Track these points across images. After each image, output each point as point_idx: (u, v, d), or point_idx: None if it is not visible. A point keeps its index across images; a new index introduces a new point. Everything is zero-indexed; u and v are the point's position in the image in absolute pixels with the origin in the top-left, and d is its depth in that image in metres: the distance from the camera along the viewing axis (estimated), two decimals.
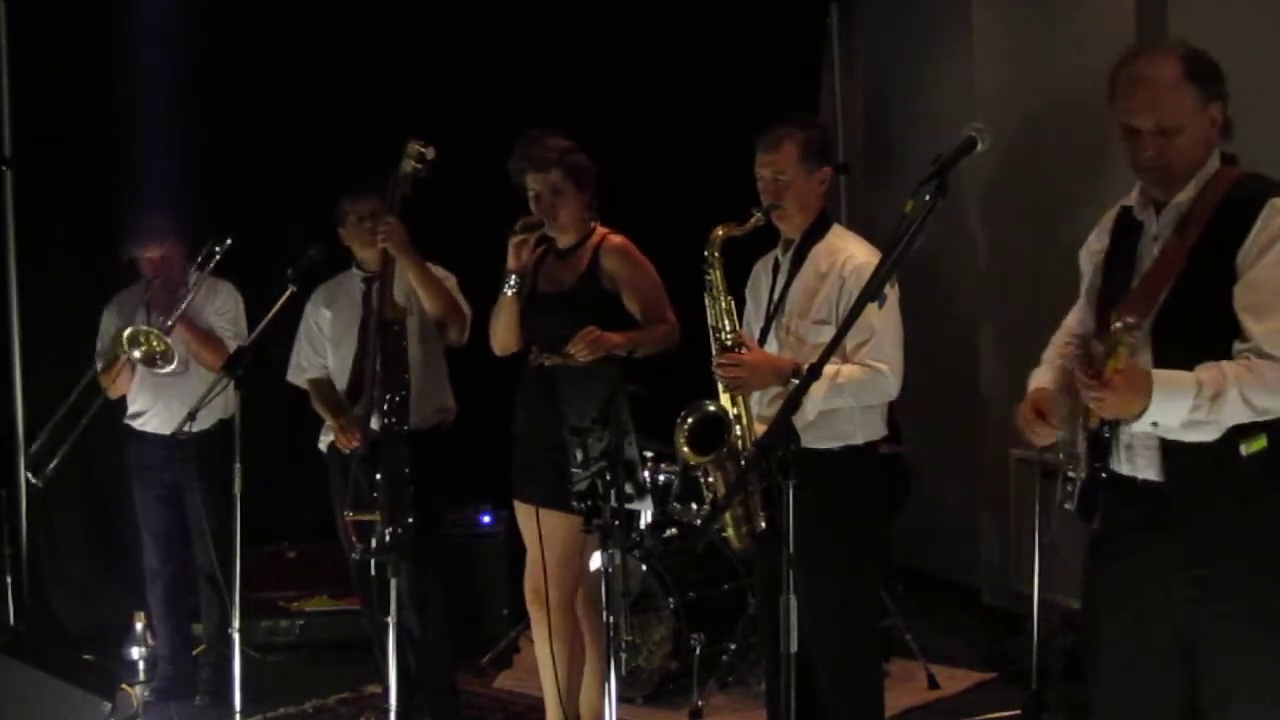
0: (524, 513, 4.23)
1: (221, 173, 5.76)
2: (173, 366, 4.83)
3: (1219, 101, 2.66)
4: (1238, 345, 2.54)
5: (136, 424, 5.10)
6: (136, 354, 4.72)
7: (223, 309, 5.04)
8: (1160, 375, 2.48)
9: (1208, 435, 2.53)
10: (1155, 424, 2.50)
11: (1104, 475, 2.68)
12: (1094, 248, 2.89)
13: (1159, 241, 2.68)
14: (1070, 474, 2.73)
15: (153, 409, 5.06)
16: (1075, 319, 2.97)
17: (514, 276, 4.13)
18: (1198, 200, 2.64)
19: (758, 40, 6.52)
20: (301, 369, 4.72)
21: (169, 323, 4.78)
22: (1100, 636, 2.82)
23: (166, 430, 4.97)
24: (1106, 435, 2.66)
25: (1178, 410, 2.48)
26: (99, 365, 4.90)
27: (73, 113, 5.73)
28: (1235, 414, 2.50)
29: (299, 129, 6.07)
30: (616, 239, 4.21)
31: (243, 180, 5.89)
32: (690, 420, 3.56)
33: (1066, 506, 2.75)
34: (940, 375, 5.61)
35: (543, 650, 4.23)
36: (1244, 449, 2.55)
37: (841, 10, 7.04)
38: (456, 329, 4.53)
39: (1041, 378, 2.91)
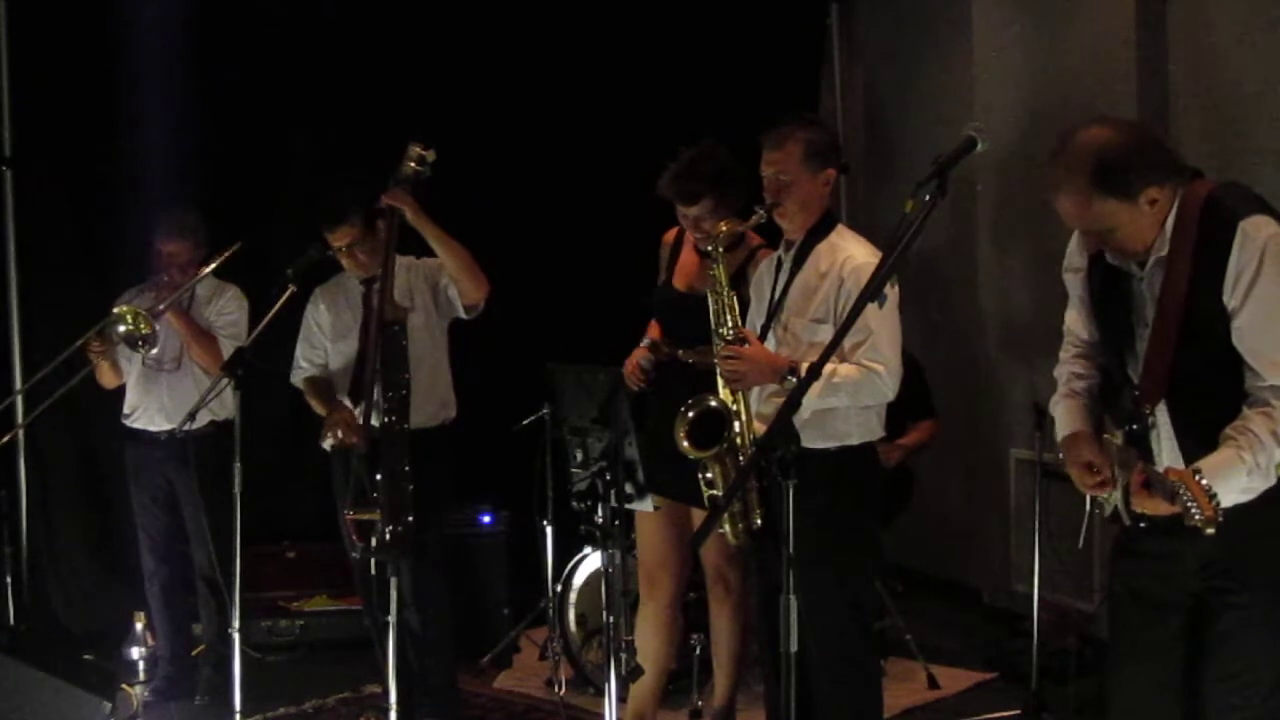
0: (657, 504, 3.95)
1: (221, 172, 5.76)
2: (153, 352, 4.82)
3: (1152, 186, 2.62)
4: (1251, 382, 2.56)
5: (130, 422, 5.10)
6: (121, 329, 4.69)
7: (224, 309, 5.04)
8: (1210, 468, 2.48)
9: (1260, 489, 2.56)
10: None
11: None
12: (1075, 265, 2.91)
13: (1150, 286, 2.70)
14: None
15: (143, 405, 5.05)
16: (1079, 325, 2.96)
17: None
18: (1176, 241, 2.65)
19: (758, 39, 6.52)
20: (301, 369, 4.72)
21: (160, 307, 4.77)
22: (1121, 628, 2.88)
23: (156, 427, 4.99)
24: (1137, 429, 2.68)
25: (1235, 487, 2.51)
26: (93, 333, 4.82)
27: (73, 113, 5.73)
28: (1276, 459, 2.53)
29: (299, 129, 6.07)
30: (769, 254, 4.10)
31: (243, 180, 5.89)
32: (691, 414, 3.57)
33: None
34: (940, 375, 5.60)
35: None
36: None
37: (841, 10, 7.04)
38: (472, 285, 4.40)
39: (1069, 418, 2.90)
